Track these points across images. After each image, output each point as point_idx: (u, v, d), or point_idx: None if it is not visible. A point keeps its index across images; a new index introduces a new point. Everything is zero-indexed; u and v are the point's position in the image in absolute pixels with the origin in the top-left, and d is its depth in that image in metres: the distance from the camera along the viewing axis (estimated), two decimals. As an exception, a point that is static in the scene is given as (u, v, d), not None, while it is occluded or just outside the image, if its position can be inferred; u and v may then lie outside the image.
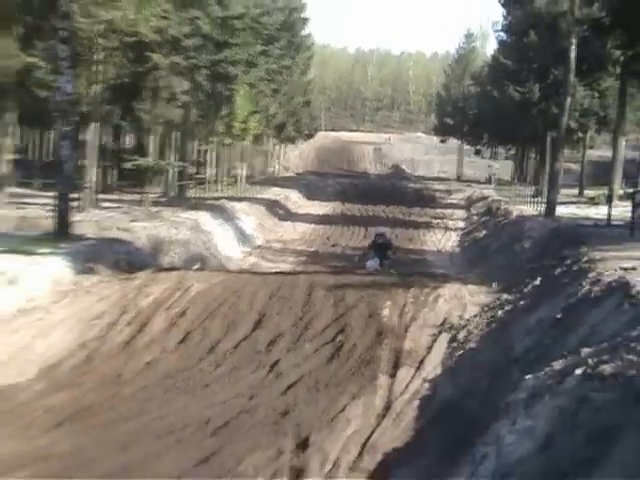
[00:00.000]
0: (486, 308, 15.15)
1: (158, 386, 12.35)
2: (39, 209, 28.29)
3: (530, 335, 12.26)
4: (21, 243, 19.61)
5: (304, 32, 67.08)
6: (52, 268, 17.27)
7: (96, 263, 18.69)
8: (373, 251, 23.46)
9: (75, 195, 25.19)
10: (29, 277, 16.04)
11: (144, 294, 16.46)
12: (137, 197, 35.81)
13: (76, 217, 22.85)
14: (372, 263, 22.69)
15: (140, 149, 43.92)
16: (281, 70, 49.37)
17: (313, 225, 35.96)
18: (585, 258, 15.93)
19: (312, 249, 27.95)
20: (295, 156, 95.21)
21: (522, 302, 14.77)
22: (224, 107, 42.64)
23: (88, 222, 24.13)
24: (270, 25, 40.83)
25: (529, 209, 34.30)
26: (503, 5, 54.83)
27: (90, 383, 12.48)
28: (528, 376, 8.66)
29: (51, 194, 24.16)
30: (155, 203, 34.36)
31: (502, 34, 61.55)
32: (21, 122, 43.09)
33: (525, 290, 15.57)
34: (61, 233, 21.47)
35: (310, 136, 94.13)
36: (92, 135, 33.27)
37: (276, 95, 54.96)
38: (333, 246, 29.27)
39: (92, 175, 32.27)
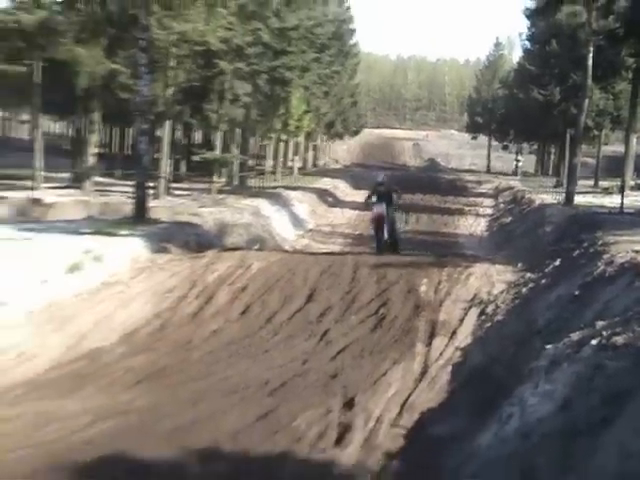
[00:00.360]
0: (512, 285, 15.05)
1: (223, 351, 12.40)
2: (120, 196, 28.52)
3: (551, 309, 12.17)
4: (105, 226, 19.79)
5: (351, 41, 66.84)
6: (131, 247, 17.40)
7: (169, 243, 18.79)
8: (377, 198, 21.31)
9: (151, 184, 25.35)
10: (112, 255, 16.18)
11: (210, 271, 16.53)
12: (204, 186, 35.91)
13: (152, 203, 23.01)
14: (378, 208, 20.94)
15: (207, 144, 44.17)
16: (332, 75, 49.23)
17: (358, 211, 35.79)
18: (600, 242, 15.78)
19: (357, 232, 27.93)
20: (343, 150, 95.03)
21: (544, 280, 14.65)
22: (281, 107, 42.66)
23: (162, 208, 24.29)
24: (322, 35, 40.71)
25: (550, 198, 33.93)
26: (528, 17, 54.21)
27: (164, 348, 12.57)
28: (549, 346, 8.61)
29: (130, 183, 24.34)
30: (220, 191, 34.45)
31: (527, 43, 61.09)
32: (105, 120, 43.45)
33: (546, 270, 15.43)
34: (139, 217, 21.62)
35: (356, 133, 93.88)
36: (166, 131, 33.49)
37: (327, 97, 54.87)
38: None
39: (166, 166, 32.48)
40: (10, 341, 11.79)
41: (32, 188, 32.83)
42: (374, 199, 21.29)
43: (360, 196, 43.61)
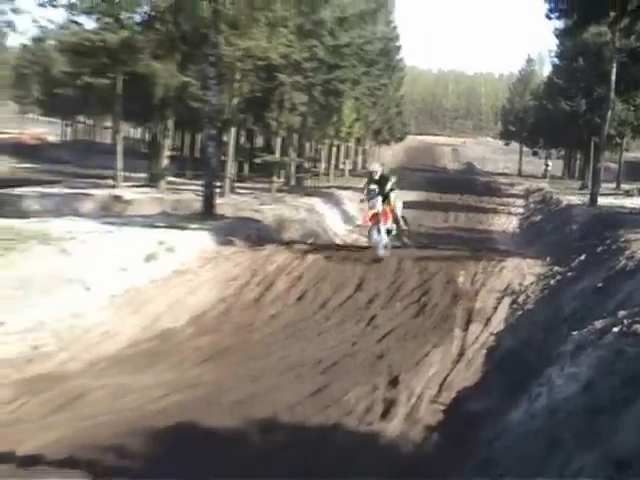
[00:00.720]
0: (541, 277, 14.91)
1: (280, 333, 12.44)
2: (190, 194, 28.72)
3: (576, 300, 12.05)
4: (177, 220, 19.95)
5: (397, 57, 66.41)
6: (200, 240, 17.51)
7: (233, 236, 18.85)
8: (376, 187, 17.37)
9: (218, 183, 25.47)
10: (183, 246, 16.30)
11: (270, 262, 16.59)
12: (265, 186, 36.06)
13: (218, 201, 23.10)
14: (373, 202, 17.16)
15: (268, 148, 44.31)
16: (379, 87, 48.99)
17: (402, 209, 35.64)
18: (622, 239, 15.58)
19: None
20: (388, 154, 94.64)
21: (570, 273, 14.51)
22: (334, 115, 42.73)
23: (227, 205, 24.40)
24: (371, 51, 40.57)
25: (576, 199, 33.43)
26: (557, 37, 53.45)
27: (228, 329, 12.65)
28: (574, 332, 8.54)
29: (199, 183, 24.54)
30: (279, 190, 34.55)
31: (556, 59, 60.32)
32: (177, 126, 43.87)
33: (572, 264, 15.28)
34: (207, 213, 21.73)
35: (400, 139, 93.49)
36: (231, 137, 33.66)
37: (375, 106, 54.74)
38: (419, 226, 28.97)
39: (231, 168, 32.66)
40: (95, 321, 11.98)
41: (113, 186, 33.32)
42: (372, 187, 17.37)
43: (403, 196, 43.65)
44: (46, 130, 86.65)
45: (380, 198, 16.97)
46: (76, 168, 50.62)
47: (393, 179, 17.89)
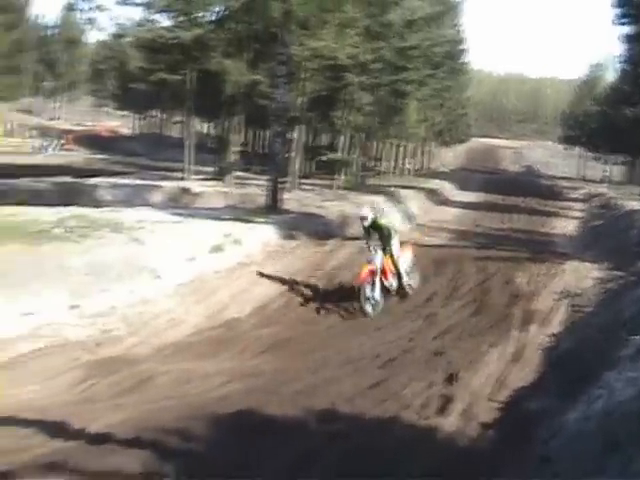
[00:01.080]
0: (600, 281, 14.72)
1: (340, 327, 12.49)
2: (256, 189, 28.89)
3: (636, 304, 11.85)
4: (242, 214, 20.13)
5: (463, 60, 65.87)
6: (264, 233, 17.66)
7: (297, 231, 18.97)
8: (370, 238, 14.07)
9: (283, 179, 25.58)
10: (248, 239, 16.46)
11: (333, 257, 16.65)
12: (327, 183, 36.07)
13: (283, 196, 23.21)
14: (372, 258, 13.58)
15: (332, 146, 44.29)
16: (445, 88, 48.62)
17: (462, 210, 35.35)
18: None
19: (462, 228, 27.51)
20: (450, 156, 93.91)
21: (630, 278, 14.28)
22: (399, 116, 42.52)
23: (291, 200, 24.45)
24: (437, 54, 40.29)
25: (637, 204, 32.76)
26: (623, 42, 52.54)
27: (288, 322, 12.75)
28: (634, 337, 8.40)
29: (265, 178, 24.66)
30: (341, 188, 34.54)
31: (621, 65, 59.25)
32: (245, 123, 44.14)
33: (632, 269, 15.03)
34: (271, 207, 21.88)
35: (463, 141, 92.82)
36: (297, 134, 33.74)
37: (441, 108, 54.37)
38: (477, 226, 28.69)
39: (296, 164, 32.72)
40: (163, 308, 12.22)
41: (182, 179, 33.70)
42: (371, 242, 14.01)
43: (464, 196, 43.30)
44: (119, 123, 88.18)
45: (380, 254, 13.69)
46: (147, 160, 51.43)
47: (394, 234, 14.25)
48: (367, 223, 13.97)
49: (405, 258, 14.43)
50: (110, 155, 56.67)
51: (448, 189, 46.33)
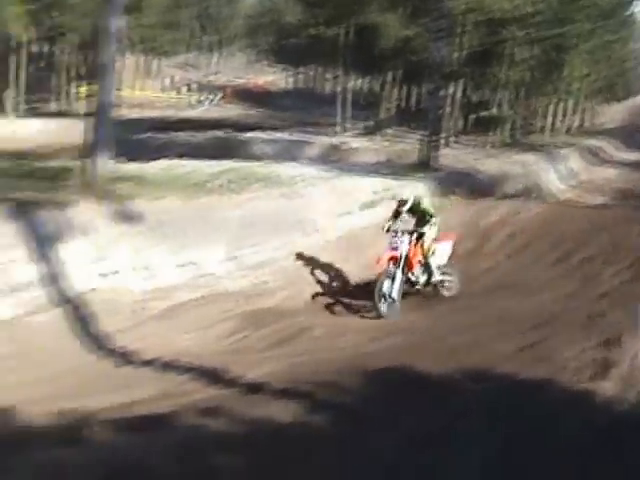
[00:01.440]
0: None
1: (495, 286, 12.39)
2: (407, 145, 28.75)
3: None
4: (396, 170, 20.09)
5: (629, 12, 62.62)
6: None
7: (451, 188, 18.77)
8: (399, 224, 12.22)
9: (436, 136, 25.33)
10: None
11: (487, 215, 16.48)
12: (481, 140, 35.46)
13: (437, 152, 23.00)
14: (397, 241, 11.70)
15: (487, 103, 43.40)
16: (613, 41, 46.19)
17: (624, 170, 33.89)
18: None
19: (623, 189, 26.31)
20: (613, 112, 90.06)
21: None
22: (562, 70, 40.96)
23: (444, 157, 24.17)
24: (609, 2, 38.44)
25: None
26: None
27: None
28: None
29: (417, 135, 24.53)
30: (496, 145, 33.90)
31: None
32: (399, 79, 43.89)
33: None
34: (424, 164, 21.74)
35: (627, 97, 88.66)
36: (452, 91, 33.29)
37: (609, 61, 51.91)
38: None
39: (450, 121, 32.38)
40: (325, 260, 12.43)
41: (335, 134, 33.99)
42: (398, 225, 12.21)
43: (624, 155, 41.41)
44: (272, 78, 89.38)
45: (407, 238, 11.79)
46: (300, 115, 52.02)
47: (433, 220, 12.22)
48: (406, 207, 12.17)
49: (441, 251, 12.38)
50: (264, 110, 57.67)
51: (610, 148, 44.51)
